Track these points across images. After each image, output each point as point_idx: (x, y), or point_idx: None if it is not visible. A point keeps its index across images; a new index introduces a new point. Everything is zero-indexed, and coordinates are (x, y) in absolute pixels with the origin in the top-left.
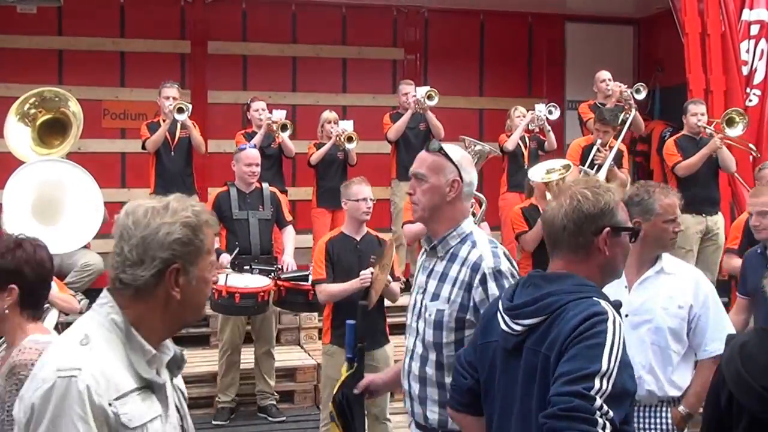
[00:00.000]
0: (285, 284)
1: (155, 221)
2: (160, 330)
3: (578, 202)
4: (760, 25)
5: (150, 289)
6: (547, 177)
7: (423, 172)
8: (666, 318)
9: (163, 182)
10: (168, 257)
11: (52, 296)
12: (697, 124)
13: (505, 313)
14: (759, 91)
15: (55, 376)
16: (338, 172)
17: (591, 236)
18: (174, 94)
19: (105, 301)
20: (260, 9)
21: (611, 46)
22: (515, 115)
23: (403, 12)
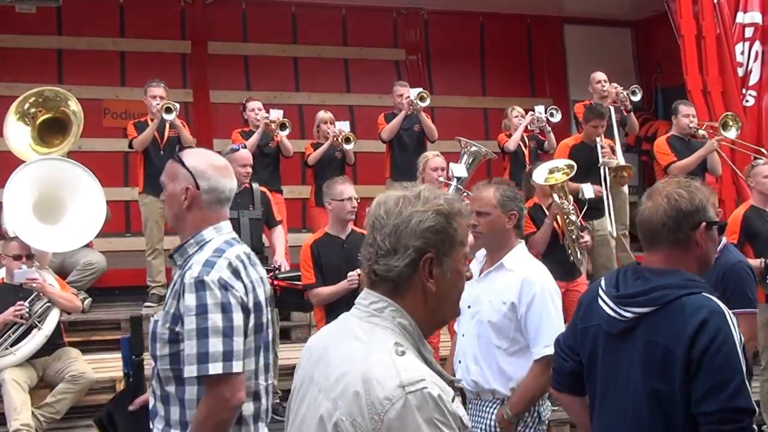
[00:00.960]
0: (280, 284)
1: (407, 209)
2: (425, 329)
3: (676, 201)
4: (754, 28)
5: (406, 282)
6: (551, 177)
7: (162, 180)
8: (490, 312)
9: (153, 181)
10: (421, 245)
11: (54, 295)
12: (689, 125)
13: (612, 300)
14: (755, 92)
15: (402, 393)
16: (336, 171)
17: (689, 231)
18: (161, 93)
19: (384, 305)
20: (260, 10)
21: (610, 47)
22: (513, 115)
23: (403, 13)
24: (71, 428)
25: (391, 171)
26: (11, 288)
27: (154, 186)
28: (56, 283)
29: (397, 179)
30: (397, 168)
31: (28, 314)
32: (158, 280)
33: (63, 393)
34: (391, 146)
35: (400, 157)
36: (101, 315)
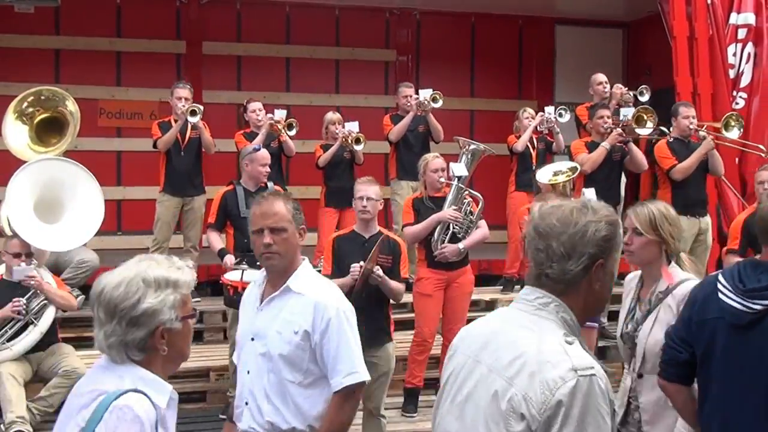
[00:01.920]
0: None
1: (582, 219)
2: (579, 323)
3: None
4: (747, 29)
5: (576, 283)
6: (554, 179)
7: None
8: (279, 344)
9: (173, 181)
10: (595, 252)
11: (50, 293)
12: (689, 127)
13: (739, 294)
14: (745, 94)
15: (575, 375)
16: (345, 172)
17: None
18: (186, 95)
19: (549, 301)
20: (254, 10)
21: (601, 49)
22: (524, 117)
23: (396, 14)
24: None
25: (398, 171)
26: (9, 285)
27: (173, 186)
28: (53, 281)
29: (402, 178)
30: (404, 168)
31: (25, 311)
32: None
33: (56, 387)
34: (397, 146)
35: (406, 156)
36: None
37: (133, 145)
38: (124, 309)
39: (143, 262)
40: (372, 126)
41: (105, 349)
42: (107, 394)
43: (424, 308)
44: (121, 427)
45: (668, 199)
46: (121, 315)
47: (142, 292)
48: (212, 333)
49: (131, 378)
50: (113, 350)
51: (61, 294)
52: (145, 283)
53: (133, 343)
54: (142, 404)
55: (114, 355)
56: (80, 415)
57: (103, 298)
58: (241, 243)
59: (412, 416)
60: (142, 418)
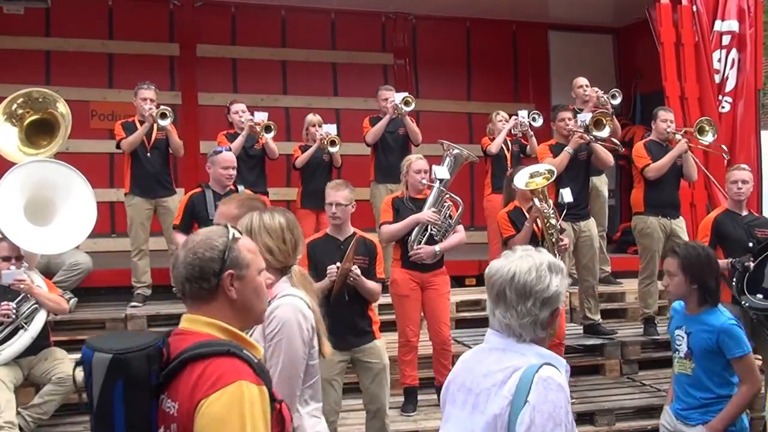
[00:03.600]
0: None
1: None
2: None
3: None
4: (731, 36)
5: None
6: (532, 182)
7: None
8: None
9: (139, 182)
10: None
11: (41, 296)
12: (666, 130)
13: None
14: (730, 99)
15: None
16: (323, 174)
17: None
18: (151, 96)
19: None
20: (249, 13)
21: (593, 53)
22: (497, 120)
23: (391, 18)
24: (57, 425)
25: (376, 173)
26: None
27: (141, 187)
28: (44, 285)
29: (381, 182)
30: (382, 171)
31: (15, 315)
32: (143, 280)
33: (50, 395)
34: (376, 149)
35: (384, 159)
36: (87, 315)
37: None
38: (539, 291)
39: (534, 252)
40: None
41: (515, 328)
42: (524, 368)
43: (402, 309)
44: (549, 394)
45: (640, 199)
46: (536, 297)
47: (551, 277)
48: None
49: (533, 354)
50: (526, 329)
51: (52, 297)
52: (549, 269)
53: (542, 322)
54: (559, 375)
55: (525, 333)
56: (503, 390)
57: (517, 281)
58: None
59: (410, 415)
60: (563, 386)
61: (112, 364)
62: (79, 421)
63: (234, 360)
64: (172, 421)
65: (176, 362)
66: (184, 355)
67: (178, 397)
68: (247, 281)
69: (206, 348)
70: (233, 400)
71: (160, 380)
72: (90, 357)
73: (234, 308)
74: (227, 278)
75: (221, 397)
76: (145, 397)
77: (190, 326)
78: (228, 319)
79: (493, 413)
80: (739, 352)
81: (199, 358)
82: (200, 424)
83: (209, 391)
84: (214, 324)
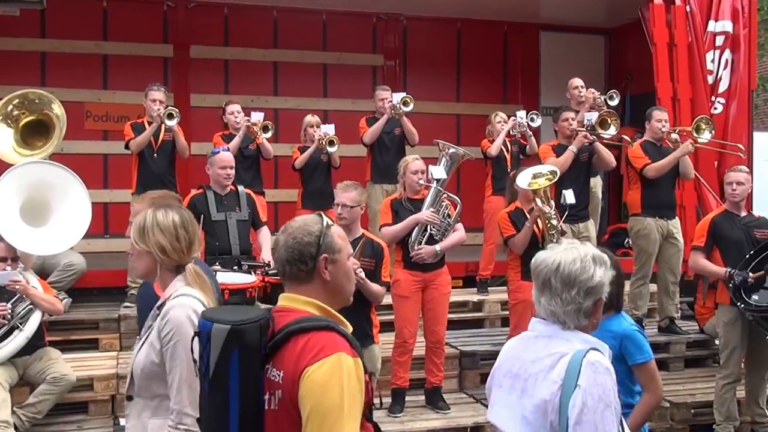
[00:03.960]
0: (271, 280)
1: None
2: None
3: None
4: (724, 36)
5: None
6: (534, 182)
7: None
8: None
9: (145, 183)
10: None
11: (36, 297)
12: (661, 130)
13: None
14: (723, 100)
15: None
16: (322, 174)
17: None
18: (161, 98)
19: None
20: (242, 14)
21: (584, 54)
22: (496, 121)
23: (383, 19)
24: (51, 424)
25: (372, 174)
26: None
27: (146, 187)
28: (39, 286)
29: (377, 182)
30: (378, 171)
31: (11, 315)
32: (139, 281)
33: (44, 394)
34: (372, 149)
35: (380, 160)
36: (81, 315)
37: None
38: (583, 281)
39: (579, 244)
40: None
41: (560, 315)
42: (572, 353)
43: (402, 310)
44: (598, 377)
45: (637, 200)
46: (580, 286)
47: (595, 268)
48: None
49: (578, 340)
50: (570, 316)
51: (47, 298)
52: (594, 261)
53: (585, 310)
54: (605, 359)
55: (569, 320)
56: (552, 374)
57: (562, 271)
58: (212, 246)
59: (397, 416)
60: (610, 370)
61: (231, 334)
62: (73, 420)
63: (333, 334)
64: (277, 388)
65: (281, 335)
66: (288, 329)
67: (284, 366)
68: (339, 264)
69: (308, 322)
70: (333, 369)
71: (267, 351)
72: (209, 327)
73: (327, 289)
74: (322, 261)
75: (323, 366)
76: (256, 365)
77: (290, 304)
78: (322, 299)
79: (542, 397)
80: (641, 359)
81: (301, 331)
82: (304, 389)
83: (312, 360)
84: (311, 302)
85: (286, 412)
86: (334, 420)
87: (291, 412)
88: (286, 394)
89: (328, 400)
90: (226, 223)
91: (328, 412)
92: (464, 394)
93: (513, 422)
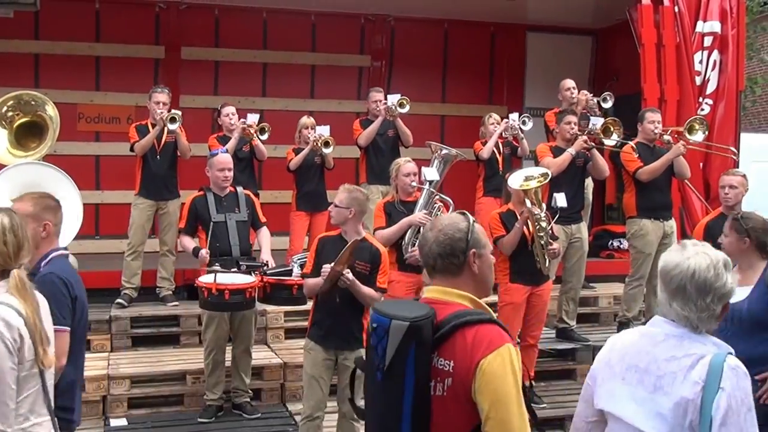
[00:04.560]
0: (270, 280)
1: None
2: None
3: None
4: (713, 37)
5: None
6: (526, 184)
7: None
8: None
9: (148, 184)
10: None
11: None
12: (654, 131)
13: None
14: (711, 101)
15: None
16: (316, 176)
17: None
18: (164, 99)
19: None
20: (232, 16)
21: (570, 55)
22: (489, 123)
23: (371, 20)
24: None
25: (367, 175)
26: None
27: (149, 189)
28: None
29: (372, 183)
30: (373, 172)
31: None
32: (133, 282)
33: None
34: (367, 151)
35: (375, 161)
36: None
37: (112, 150)
38: (718, 288)
39: (708, 249)
40: (345, 131)
41: (693, 320)
42: (711, 356)
43: None
44: (740, 381)
45: (632, 203)
46: (714, 293)
47: (726, 275)
48: (188, 336)
49: (710, 344)
50: (702, 321)
51: None
52: (725, 267)
53: (717, 315)
54: (742, 364)
55: (701, 325)
56: (692, 375)
57: (697, 278)
58: (213, 247)
59: None
60: (748, 374)
61: (410, 329)
62: None
63: (496, 326)
64: (446, 376)
65: (448, 327)
66: (453, 322)
67: (454, 357)
68: (484, 258)
69: (472, 316)
70: (505, 359)
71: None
72: (387, 323)
73: (475, 281)
74: (471, 255)
75: (497, 357)
76: (427, 356)
77: (443, 297)
78: (470, 290)
79: (683, 396)
80: None
81: (467, 324)
82: (482, 380)
83: (486, 352)
84: (465, 296)
85: (455, 399)
86: (511, 405)
87: (461, 398)
88: (458, 382)
89: (505, 388)
90: (226, 224)
91: (506, 398)
92: None
93: (644, 417)
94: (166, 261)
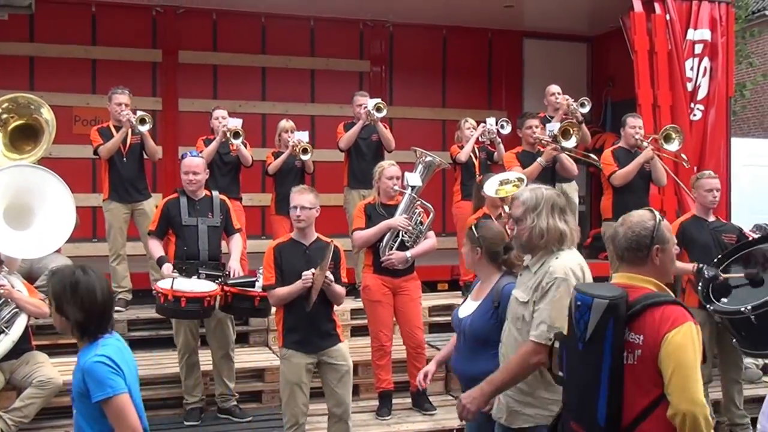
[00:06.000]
0: (231, 290)
1: None
2: None
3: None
4: (703, 44)
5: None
6: (501, 189)
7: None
8: None
9: (117, 188)
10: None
11: (21, 301)
12: (634, 137)
13: None
14: (702, 106)
15: None
16: (296, 180)
17: None
18: (126, 101)
19: None
20: (230, 19)
21: (566, 61)
22: (465, 127)
23: (369, 25)
24: (37, 429)
25: (349, 179)
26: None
27: (118, 192)
28: (24, 289)
29: (354, 187)
30: (355, 176)
31: None
32: (123, 285)
33: (31, 398)
34: (349, 155)
35: (357, 165)
36: None
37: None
38: None
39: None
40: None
41: None
42: None
43: (375, 314)
44: None
45: (609, 206)
46: None
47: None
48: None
49: None
50: None
51: (32, 302)
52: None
53: None
54: None
55: None
56: None
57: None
58: (181, 251)
59: (385, 419)
60: None
61: (609, 306)
62: (60, 424)
63: (680, 307)
64: (637, 348)
65: (639, 306)
66: (644, 302)
67: (644, 332)
68: (667, 253)
69: (659, 298)
70: (687, 334)
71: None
72: (590, 301)
73: (656, 271)
74: (655, 250)
75: (680, 332)
76: (622, 330)
77: (631, 282)
78: (653, 277)
79: None
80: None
81: (656, 304)
82: (667, 350)
83: (671, 327)
84: (650, 281)
85: (644, 367)
86: (690, 372)
87: (649, 367)
88: (647, 353)
89: (686, 358)
90: (197, 228)
91: (686, 366)
92: (450, 396)
93: None
94: (150, 264)
